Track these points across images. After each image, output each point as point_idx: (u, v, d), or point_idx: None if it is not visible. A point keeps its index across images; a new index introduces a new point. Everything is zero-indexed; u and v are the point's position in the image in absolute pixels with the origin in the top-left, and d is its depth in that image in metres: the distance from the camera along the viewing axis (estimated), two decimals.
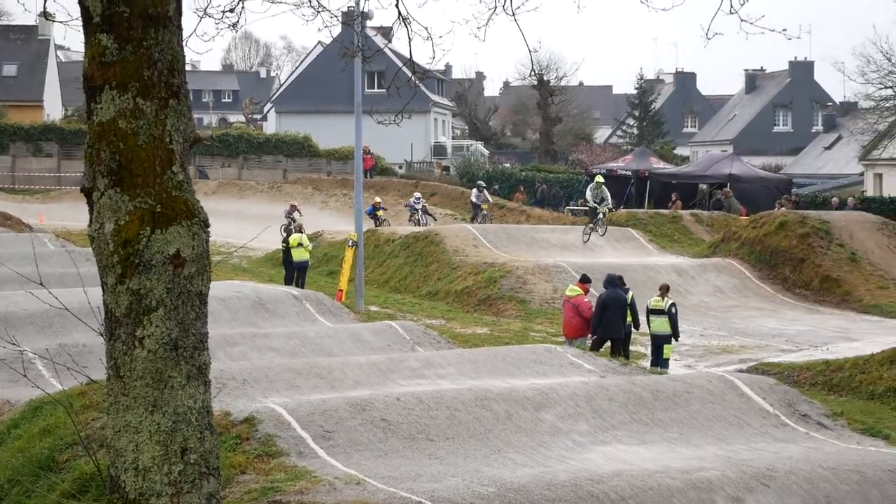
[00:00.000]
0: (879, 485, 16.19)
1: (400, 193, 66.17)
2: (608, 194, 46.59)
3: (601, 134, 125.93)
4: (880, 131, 58.41)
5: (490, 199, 56.70)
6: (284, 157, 79.71)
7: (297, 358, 24.30)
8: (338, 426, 17.00)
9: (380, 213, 56.07)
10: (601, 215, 45.51)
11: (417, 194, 59.63)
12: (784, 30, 13.59)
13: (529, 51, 16.12)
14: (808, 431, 19.21)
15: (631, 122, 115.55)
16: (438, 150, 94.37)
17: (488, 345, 28.94)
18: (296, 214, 53.55)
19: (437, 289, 40.82)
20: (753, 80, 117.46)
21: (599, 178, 47.66)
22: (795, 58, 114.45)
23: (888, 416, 23.01)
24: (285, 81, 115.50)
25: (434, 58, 14.32)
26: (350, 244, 36.83)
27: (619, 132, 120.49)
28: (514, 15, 13.51)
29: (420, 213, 56.88)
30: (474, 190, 56.33)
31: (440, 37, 13.96)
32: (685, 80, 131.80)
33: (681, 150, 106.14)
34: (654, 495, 15.01)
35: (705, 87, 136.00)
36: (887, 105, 55.62)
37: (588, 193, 46.30)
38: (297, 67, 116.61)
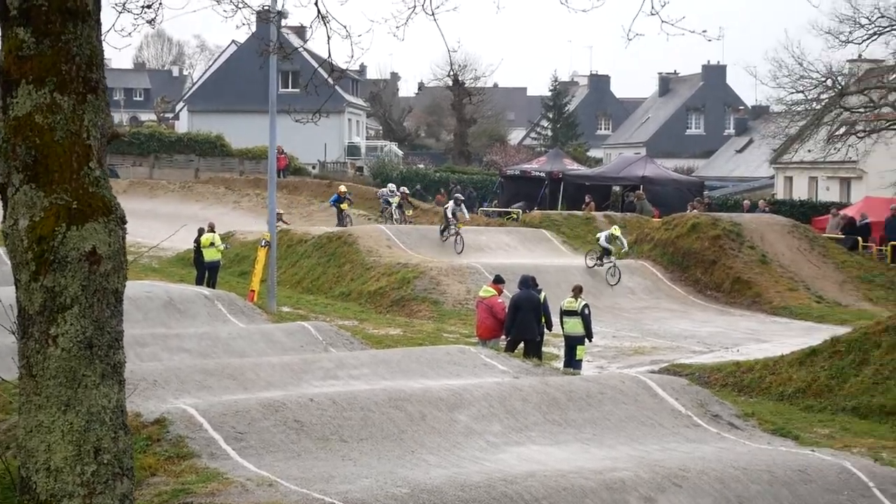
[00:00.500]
0: (790, 484, 16.37)
1: (313, 194, 65.93)
2: (625, 242, 42.51)
3: (515, 135, 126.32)
4: (791, 135, 59.04)
5: (467, 216, 49.01)
6: (197, 157, 79.01)
7: (208, 359, 24.10)
8: (250, 427, 16.87)
9: (344, 205, 54.31)
10: (613, 258, 41.04)
11: (392, 185, 56.75)
12: (704, 31, 13.71)
13: (448, 50, 16.13)
14: (720, 432, 19.38)
15: (545, 123, 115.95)
16: (352, 150, 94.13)
17: (402, 346, 28.89)
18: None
19: (350, 289, 40.72)
20: (667, 84, 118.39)
21: (616, 231, 42.38)
22: (708, 62, 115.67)
23: (797, 416, 23.33)
24: (198, 80, 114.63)
25: (353, 57, 14.27)
26: (263, 244, 36.63)
27: (533, 134, 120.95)
28: (433, 14, 13.50)
29: (394, 207, 53.86)
30: (451, 203, 47.57)
31: (359, 36, 13.91)
32: (599, 83, 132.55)
33: (594, 152, 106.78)
34: (567, 496, 15.05)
35: (619, 89, 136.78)
36: (798, 109, 56.23)
37: (602, 240, 41.36)
38: (210, 66, 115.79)
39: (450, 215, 45.94)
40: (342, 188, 56.53)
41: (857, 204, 56.99)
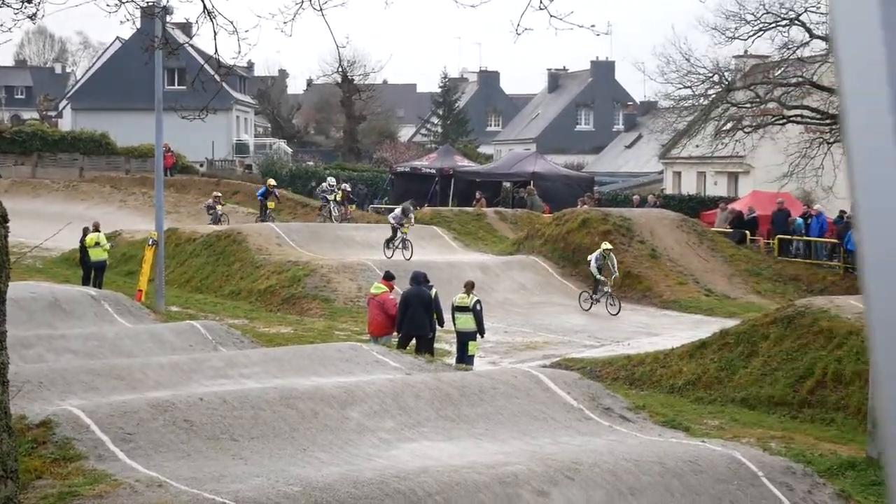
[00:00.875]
0: (680, 475, 16.47)
1: (201, 192, 65.24)
2: (615, 262, 38.59)
3: (405, 132, 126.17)
4: (679, 130, 59.70)
5: (413, 221, 45.06)
6: (81, 155, 77.76)
7: (95, 359, 23.71)
8: (139, 428, 16.61)
9: (271, 203, 52.84)
10: (608, 288, 37.53)
11: (331, 180, 55.29)
12: (592, 26, 13.77)
13: (337, 46, 15.96)
14: (612, 425, 19.46)
15: (435, 120, 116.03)
16: (241, 148, 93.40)
17: (293, 344, 28.69)
18: (219, 207, 52.85)
19: (239, 288, 40.38)
20: (556, 80, 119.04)
21: (606, 245, 39.16)
22: (597, 57, 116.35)
23: (688, 408, 23.53)
24: (82, 77, 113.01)
25: (240, 52, 14.09)
26: (150, 243, 36.19)
27: (423, 130, 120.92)
28: (321, 10, 13.37)
29: (333, 204, 52.27)
30: (399, 210, 44.12)
31: (246, 31, 13.77)
32: (489, 79, 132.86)
33: (485, 149, 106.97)
34: (460, 490, 14.99)
35: (509, 86, 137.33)
36: (686, 105, 56.82)
37: (593, 263, 38.12)
38: (94, 63, 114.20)
39: (396, 224, 42.63)
40: (271, 182, 55.45)
41: (744, 198, 57.75)
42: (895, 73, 1.62)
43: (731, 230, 48.73)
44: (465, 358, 26.20)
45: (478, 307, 26.37)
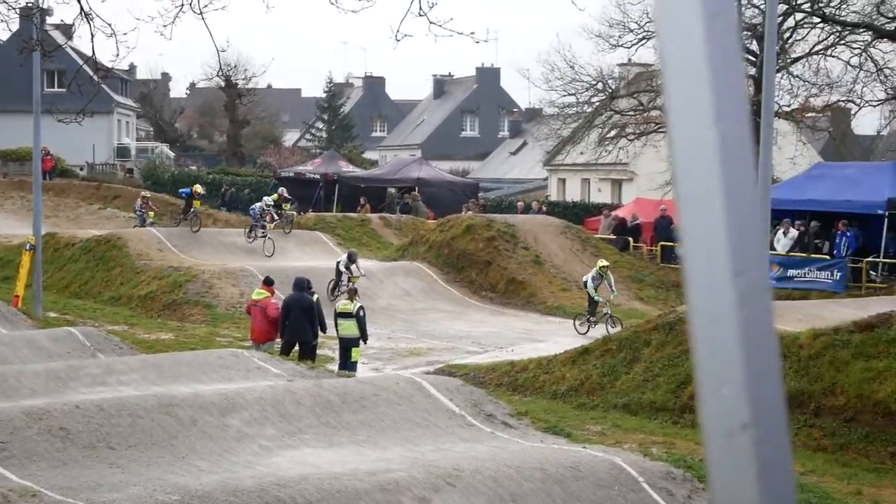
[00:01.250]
0: (561, 481, 16.49)
1: (80, 196, 64.30)
2: (612, 280, 36.06)
3: (290, 137, 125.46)
4: (563, 137, 60.17)
5: (362, 272, 38.25)
6: None
7: None
8: (12, 437, 16.25)
9: (197, 203, 47.77)
10: (606, 310, 34.70)
11: (268, 198, 47.81)
12: (472, 33, 13.76)
13: (217, 50, 15.76)
14: (494, 431, 19.46)
15: (320, 125, 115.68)
16: (122, 151, 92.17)
17: (173, 350, 28.33)
18: (150, 213, 51.02)
19: (119, 294, 39.83)
20: (442, 86, 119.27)
21: (602, 263, 36.53)
22: (483, 64, 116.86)
23: (570, 414, 23.61)
24: None
25: (118, 55, 13.86)
26: (27, 248, 35.52)
27: (308, 135, 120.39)
28: (202, 13, 13.19)
29: (258, 226, 45.57)
30: (345, 256, 38.82)
31: (124, 34, 13.52)
32: (374, 85, 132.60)
33: (370, 154, 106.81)
34: (341, 498, 14.89)
35: (394, 91, 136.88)
36: (570, 112, 57.31)
37: (589, 283, 35.47)
38: None
39: (343, 269, 37.71)
40: (197, 186, 50.87)
41: (627, 205, 58.36)
42: (716, 78, 1.67)
43: (614, 237, 49.15)
44: (348, 364, 26.07)
45: (361, 313, 26.26)
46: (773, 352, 1.68)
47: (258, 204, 46.56)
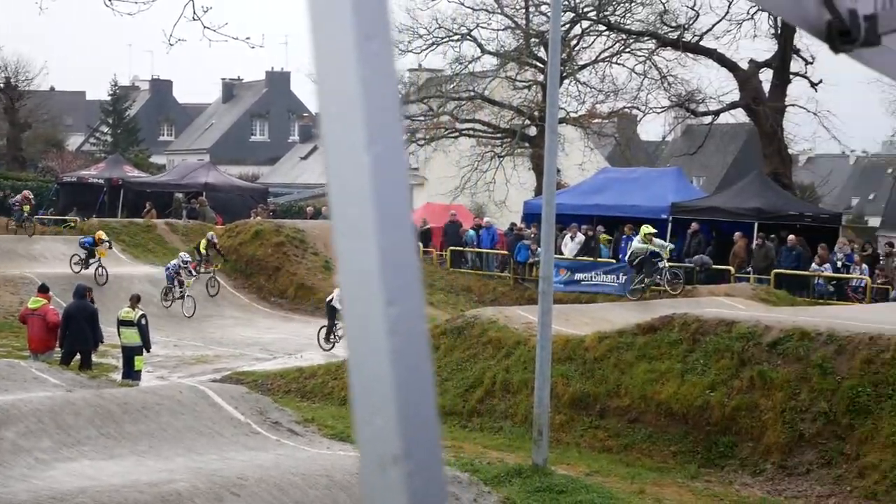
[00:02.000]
0: (347, 488, 16.32)
1: None
2: (663, 243, 36.53)
3: (74, 141, 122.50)
4: None
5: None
6: None
7: None
8: None
9: (98, 248, 40.85)
10: (663, 263, 35.38)
11: (185, 255, 40.37)
12: (247, 38, 13.49)
13: None
14: (280, 439, 19.22)
15: (105, 129, 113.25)
16: None
17: None
18: (27, 207, 49.12)
19: None
20: (231, 90, 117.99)
21: (648, 229, 36.33)
22: (272, 68, 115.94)
23: None
24: None
25: None
26: None
27: (92, 139, 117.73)
28: None
29: (173, 286, 38.92)
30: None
31: None
32: (161, 88, 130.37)
33: (157, 159, 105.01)
34: None
35: (182, 95, 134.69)
36: None
37: (636, 244, 36.02)
38: None
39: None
40: (100, 233, 42.85)
41: (417, 210, 58.45)
42: (370, 102, 1.68)
43: None
44: (131, 373, 25.54)
45: (143, 321, 25.73)
46: (428, 383, 1.70)
47: (174, 261, 39.69)
